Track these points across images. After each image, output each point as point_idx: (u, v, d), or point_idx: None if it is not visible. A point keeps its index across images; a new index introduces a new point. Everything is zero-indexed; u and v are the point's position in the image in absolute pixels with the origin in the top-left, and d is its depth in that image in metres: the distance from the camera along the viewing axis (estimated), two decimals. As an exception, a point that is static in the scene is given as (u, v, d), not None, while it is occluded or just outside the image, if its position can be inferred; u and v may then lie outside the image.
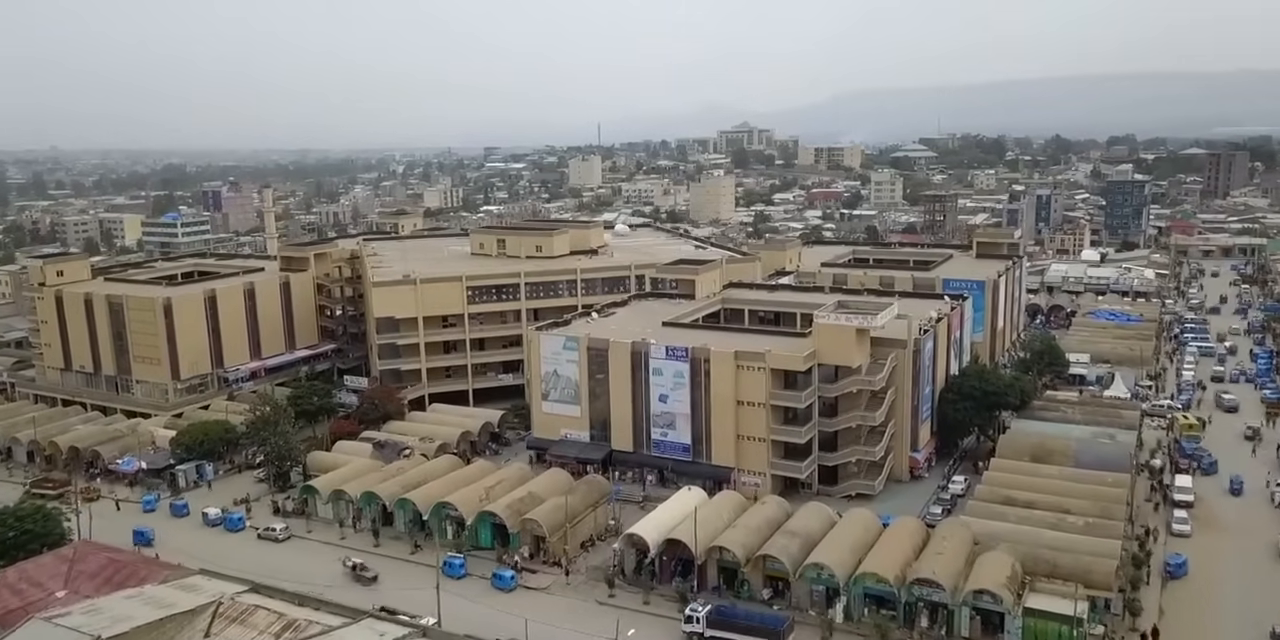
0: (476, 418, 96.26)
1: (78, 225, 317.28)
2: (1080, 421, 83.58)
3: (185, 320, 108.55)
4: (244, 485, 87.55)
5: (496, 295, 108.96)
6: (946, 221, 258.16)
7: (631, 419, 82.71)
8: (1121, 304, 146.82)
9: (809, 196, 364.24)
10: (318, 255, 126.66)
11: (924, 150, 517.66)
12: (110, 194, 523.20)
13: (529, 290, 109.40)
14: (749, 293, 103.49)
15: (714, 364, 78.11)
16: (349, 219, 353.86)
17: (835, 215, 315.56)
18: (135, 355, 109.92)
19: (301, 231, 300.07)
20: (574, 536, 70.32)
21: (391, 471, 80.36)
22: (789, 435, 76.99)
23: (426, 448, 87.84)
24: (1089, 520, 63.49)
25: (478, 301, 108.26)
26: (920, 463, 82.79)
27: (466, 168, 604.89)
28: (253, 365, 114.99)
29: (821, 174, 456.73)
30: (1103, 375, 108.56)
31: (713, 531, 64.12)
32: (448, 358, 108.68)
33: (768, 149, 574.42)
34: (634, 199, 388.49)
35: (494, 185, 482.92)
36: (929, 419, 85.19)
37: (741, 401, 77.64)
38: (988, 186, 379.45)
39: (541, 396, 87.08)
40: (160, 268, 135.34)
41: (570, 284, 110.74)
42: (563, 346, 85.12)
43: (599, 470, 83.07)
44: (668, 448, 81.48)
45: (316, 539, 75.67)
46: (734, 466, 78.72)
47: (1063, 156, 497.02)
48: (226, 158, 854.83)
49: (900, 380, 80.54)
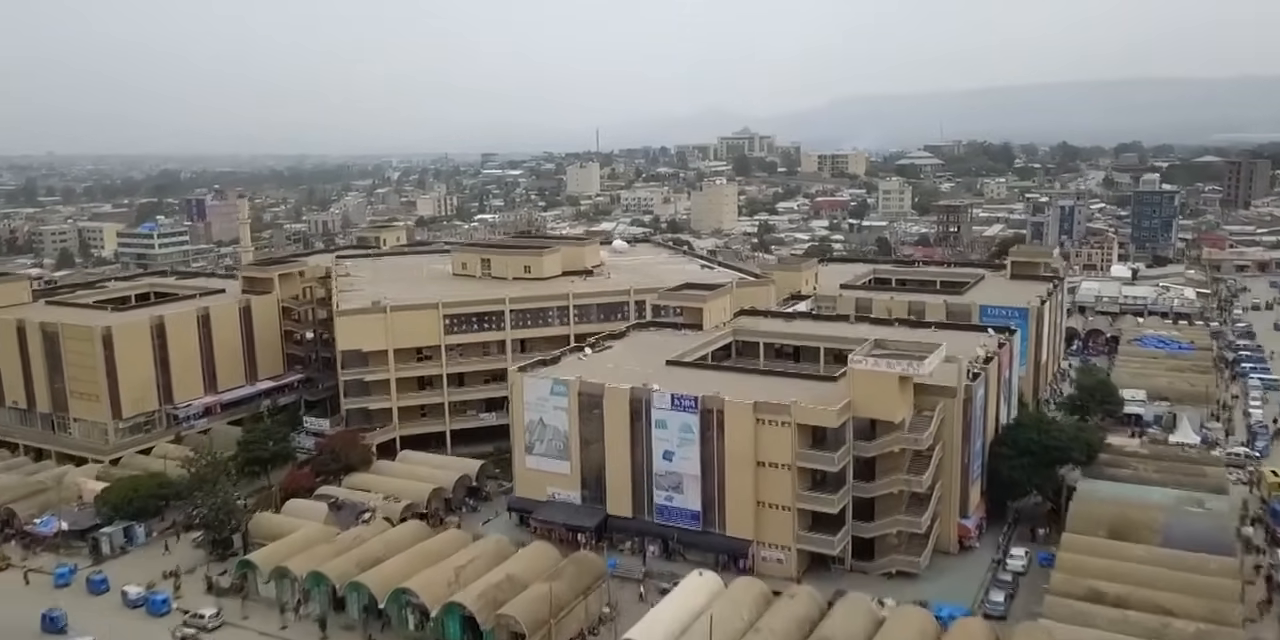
0: (451, 469, 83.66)
1: (55, 235, 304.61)
2: (1157, 481, 71.07)
3: (128, 351, 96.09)
4: (180, 551, 74.94)
5: (478, 324, 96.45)
6: (961, 233, 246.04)
7: (630, 479, 70.22)
8: (1163, 327, 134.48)
9: (814, 205, 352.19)
10: (283, 275, 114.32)
11: (929, 157, 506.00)
12: (100, 201, 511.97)
13: (515, 318, 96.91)
14: (763, 322, 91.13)
15: (729, 417, 65.68)
16: (338, 228, 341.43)
17: (843, 225, 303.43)
18: (72, 391, 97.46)
19: (286, 242, 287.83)
20: (560, 632, 57.88)
21: (347, 542, 67.81)
22: (819, 503, 64.54)
23: (391, 509, 75.30)
24: (1199, 627, 51.04)
25: (456, 331, 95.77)
26: (971, 531, 70.36)
27: (463, 174, 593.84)
28: (207, 400, 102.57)
29: (825, 182, 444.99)
30: (1162, 415, 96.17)
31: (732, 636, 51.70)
32: (422, 395, 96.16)
33: (769, 156, 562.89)
34: (633, 207, 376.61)
35: (490, 193, 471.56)
36: (980, 478, 72.77)
37: (762, 462, 65.15)
38: (998, 195, 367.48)
39: (525, 449, 74.58)
40: (113, 288, 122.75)
41: (561, 311, 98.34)
42: (550, 391, 72.64)
43: (592, 540, 70.60)
44: (673, 514, 68.98)
45: (253, 628, 63.01)
46: (752, 539, 66.22)
47: (1071, 164, 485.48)
48: (224, 163, 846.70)
49: (949, 435, 68.18)
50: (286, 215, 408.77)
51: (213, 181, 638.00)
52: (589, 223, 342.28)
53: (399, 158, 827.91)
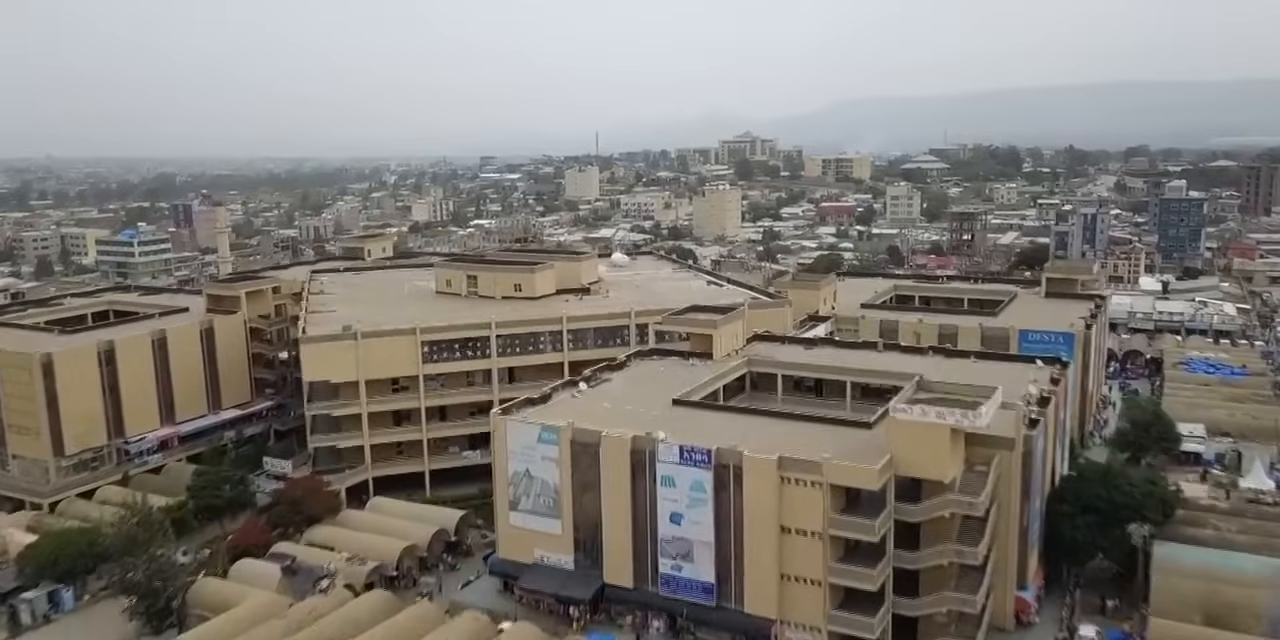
0: (427, 522, 73.43)
1: (37, 242, 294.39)
2: (1245, 544, 61.05)
3: (72, 380, 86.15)
4: (110, 617, 64.68)
5: (461, 351, 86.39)
6: (976, 242, 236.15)
7: (632, 544, 60.14)
8: (1207, 347, 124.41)
9: (820, 211, 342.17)
10: (252, 293, 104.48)
11: (935, 161, 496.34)
12: (91, 205, 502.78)
13: (502, 344, 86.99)
14: (781, 350, 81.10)
15: (748, 474, 55.63)
16: (330, 234, 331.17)
17: (850, 232, 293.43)
18: (9, 424, 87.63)
19: (275, 249, 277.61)
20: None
21: (299, 617, 57.75)
22: (854, 577, 54.45)
23: (355, 574, 65.23)
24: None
25: (437, 359, 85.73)
26: (1029, 605, 60.30)
27: (460, 178, 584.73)
28: (163, 433, 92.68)
29: (830, 186, 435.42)
30: (1225, 453, 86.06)
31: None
32: (398, 431, 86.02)
33: (772, 159, 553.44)
34: (633, 212, 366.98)
35: (487, 197, 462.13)
36: (1038, 542, 62.75)
37: (788, 528, 55.11)
38: (1009, 201, 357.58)
39: (510, 504, 64.47)
40: (69, 306, 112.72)
41: (554, 336, 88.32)
42: (538, 439, 62.55)
43: (586, 613, 60.56)
44: (682, 586, 58.89)
45: (183, 728, 53.16)
46: (776, 618, 56.13)
47: (1079, 168, 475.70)
48: (223, 166, 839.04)
49: (1005, 495, 58.16)
50: (279, 220, 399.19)
51: (209, 185, 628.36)
52: (588, 229, 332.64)
53: (397, 161, 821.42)
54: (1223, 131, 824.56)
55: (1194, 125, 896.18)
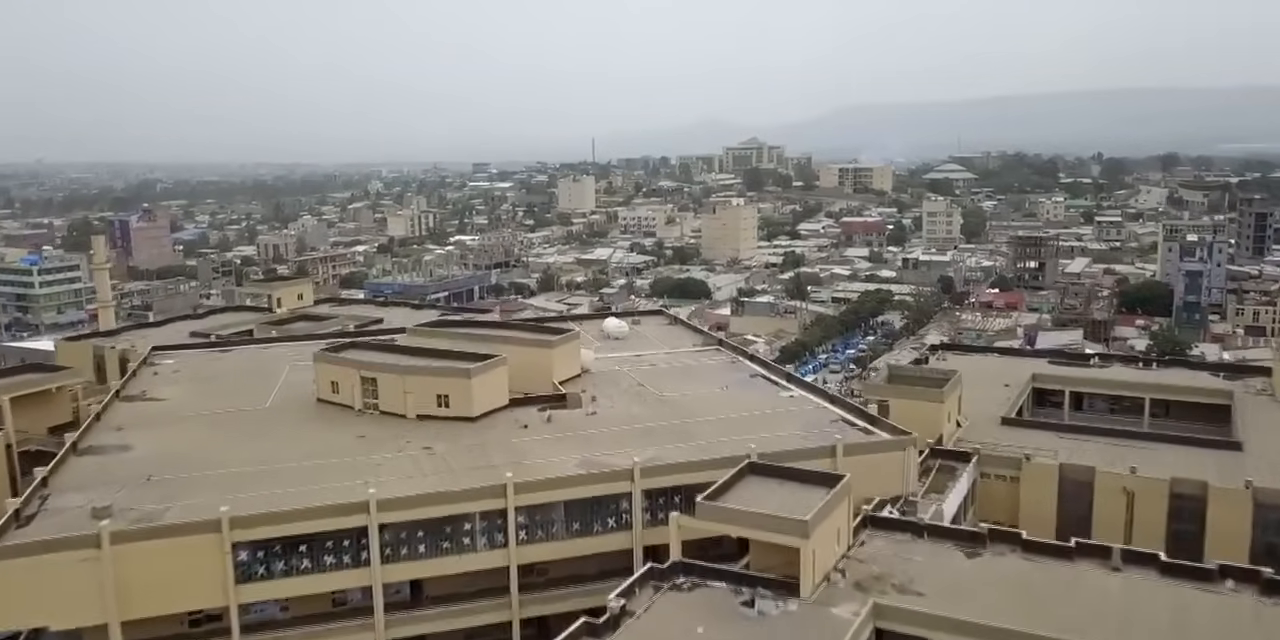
0: None
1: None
2: None
3: None
4: None
5: (314, 557, 46.00)
6: (1046, 272, 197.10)
7: None
8: None
9: (844, 228, 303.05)
10: (22, 398, 65.38)
11: (961, 170, 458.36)
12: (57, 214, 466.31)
13: (391, 543, 46.66)
14: (911, 557, 41.69)
15: None
16: (291, 253, 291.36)
17: (884, 255, 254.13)
18: None
19: (212, 277, 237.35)
20: None
21: None
22: None
23: None
24: None
25: (265, 574, 45.40)
26: None
27: (449, 186, 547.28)
28: None
29: (849, 198, 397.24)
30: None
31: None
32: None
33: (781, 168, 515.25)
34: (632, 228, 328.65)
35: (474, 208, 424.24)
36: None
37: None
38: (1055, 217, 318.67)
39: None
40: None
41: (490, 525, 47.68)
42: None
43: None
44: None
45: None
46: None
47: (1118, 177, 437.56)
48: (212, 172, 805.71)
49: None
50: (239, 236, 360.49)
51: (191, 192, 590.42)
52: (581, 247, 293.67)
53: (390, 167, 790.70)
54: (1226, 138, 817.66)
55: (1197, 132, 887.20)
